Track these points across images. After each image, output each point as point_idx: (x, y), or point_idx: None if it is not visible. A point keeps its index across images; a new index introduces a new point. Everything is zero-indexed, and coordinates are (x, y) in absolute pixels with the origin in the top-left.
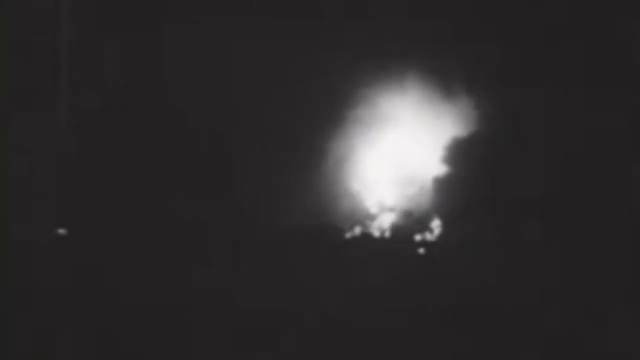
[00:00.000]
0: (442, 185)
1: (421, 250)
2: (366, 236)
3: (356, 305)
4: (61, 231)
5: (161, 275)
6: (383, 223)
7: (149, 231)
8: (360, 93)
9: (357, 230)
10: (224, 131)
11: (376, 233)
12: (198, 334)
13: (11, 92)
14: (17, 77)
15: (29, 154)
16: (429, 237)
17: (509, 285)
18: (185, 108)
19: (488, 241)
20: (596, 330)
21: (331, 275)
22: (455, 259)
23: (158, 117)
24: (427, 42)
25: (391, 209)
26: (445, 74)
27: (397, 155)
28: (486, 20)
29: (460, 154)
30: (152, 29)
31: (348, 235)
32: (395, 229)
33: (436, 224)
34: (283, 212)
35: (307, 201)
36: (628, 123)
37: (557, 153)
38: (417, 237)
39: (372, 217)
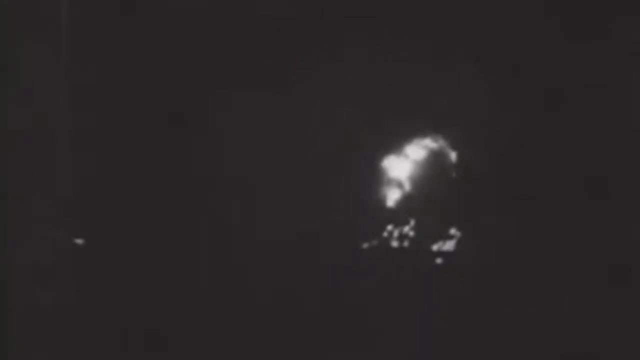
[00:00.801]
0: (459, 194)
1: (439, 260)
2: (384, 245)
3: (370, 314)
4: (78, 241)
5: (162, 276)
6: (401, 233)
7: (150, 231)
8: (374, 100)
9: (375, 241)
10: (231, 135)
11: (394, 243)
12: (198, 334)
13: (12, 91)
14: (18, 74)
15: (29, 153)
16: (447, 246)
17: (527, 291)
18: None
19: (506, 247)
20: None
21: (345, 284)
22: (473, 267)
23: (158, 117)
24: (433, 44)
25: (408, 218)
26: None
27: (413, 165)
28: (489, 24)
29: (478, 161)
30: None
31: (365, 245)
32: (413, 238)
33: (454, 233)
34: (296, 219)
35: (323, 210)
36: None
37: (565, 155)
38: (435, 247)
39: (390, 227)
